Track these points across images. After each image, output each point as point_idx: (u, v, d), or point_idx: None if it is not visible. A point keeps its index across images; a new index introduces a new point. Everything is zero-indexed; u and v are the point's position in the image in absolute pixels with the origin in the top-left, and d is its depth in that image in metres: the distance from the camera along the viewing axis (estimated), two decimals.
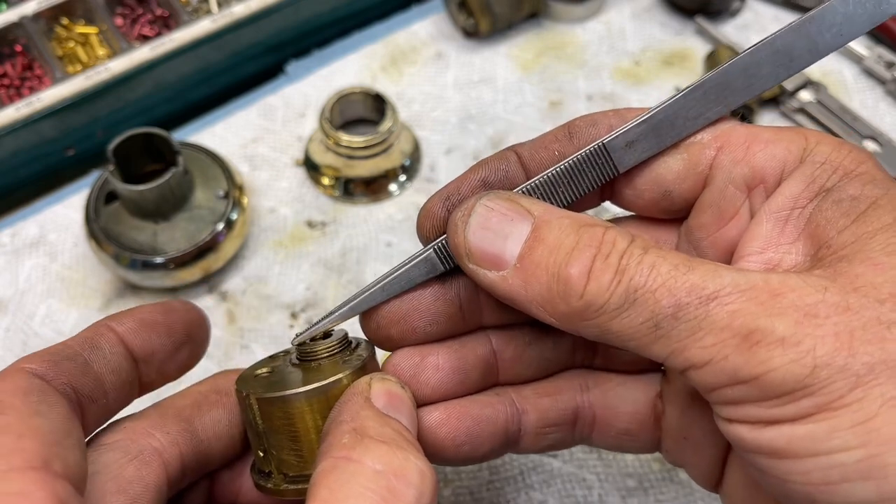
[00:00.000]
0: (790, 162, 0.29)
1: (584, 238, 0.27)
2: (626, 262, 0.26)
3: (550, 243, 0.27)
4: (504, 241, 0.28)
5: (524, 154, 0.32)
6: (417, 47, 0.65)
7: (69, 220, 0.55)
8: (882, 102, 0.61)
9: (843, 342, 0.23)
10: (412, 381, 0.32)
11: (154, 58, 0.58)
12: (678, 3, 0.66)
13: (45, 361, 0.30)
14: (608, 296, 0.26)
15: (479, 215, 0.29)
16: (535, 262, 0.27)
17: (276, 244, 0.55)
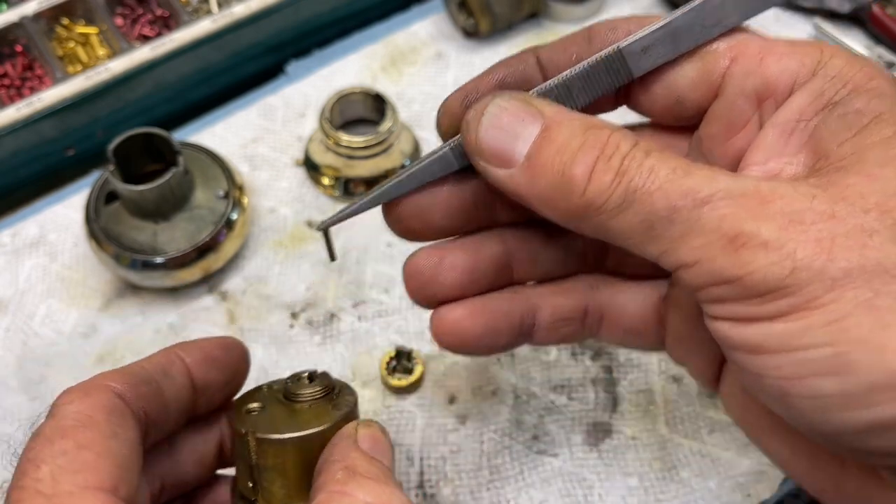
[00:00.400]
0: (802, 75, 0.29)
1: (590, 139, 0.28)
2: (627, 164, 0.27)
3: (558, 143, 0.28)
4: (514, 141, 0.29)
5: (543, 56, 0.33)
6: (417, 47, 0.65)
7: (69, 220, 0.55)
8: None
9: (824, 247, 0.25)
10: (431, 280, 0.35)
11: (154, 58, 0.58)
12: (677, 4, 0.66)
13: (126, 382, 0.31)
14: (608, 195, 0.27)
15: (491, 115, 0.30)
16: (542, 161, 0.29)
17: (276, 244, 0.55)
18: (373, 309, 0.52)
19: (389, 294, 0.52)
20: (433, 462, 0.46)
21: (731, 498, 0.44)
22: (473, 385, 0.48)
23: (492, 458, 0.46)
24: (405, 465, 0.46)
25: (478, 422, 0.47)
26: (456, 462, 0.46)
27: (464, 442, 0.46)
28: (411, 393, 0.48)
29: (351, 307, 0.52)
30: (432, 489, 0.45)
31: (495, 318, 0.35)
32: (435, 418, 0.47)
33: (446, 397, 0.48)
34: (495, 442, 0.46)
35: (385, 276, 0.53)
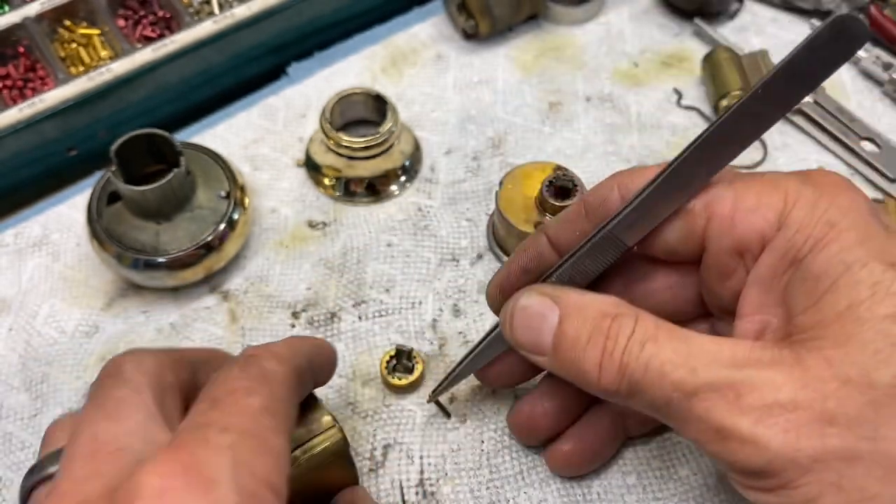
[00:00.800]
0: (768, 230, 0.33)
1: (595, 332, 0.34)
2: (626, 359, 0.32)
3: (570, 338, 0.34)
4: (539, 336, 0.36)
5: (550, 234, 0.39)
6: (418, 49, 0.65)
7: (72, 221, 0.56)
8: (880, 103, 0.62)
9: (791, 439, 0.29)
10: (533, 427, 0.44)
11: (156, 59, 0.59)
12: (676, 5, 0.67)
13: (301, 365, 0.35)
14: (616, 386, 0.33)
15: (518, 317, 0.37)
16: (562, 355, 0.35)
17: (277, 244, 0.55)
18: (373, 308, 0.52)
19: (390, 294, 0.52)
20: (433, 461, 0.46)
21: (730, 497, 0.44)
22: (473, 384, 0.48)
23: (492, 456, 0.46)
24: (405, 463, 0.46)
25: (478, 421, 0.47)
26: (456, 461, 0.46)
27: (464, 441, 0.47)
28: (411, 392, 0.48)
29: (351, 307, 0.52)
30: (432, 487, 0.45)
31: (596, 438, 0.44)
32: (435, 417, 0.47)
33: (446, 396, 0.48)
34: (495, 441, 0.47)
35: (385, 275, 0.53)
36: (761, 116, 0.33)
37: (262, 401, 0.30)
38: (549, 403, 0.43)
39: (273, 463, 0.29)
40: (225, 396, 0.30)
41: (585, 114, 0.62)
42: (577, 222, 0.38)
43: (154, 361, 0.32)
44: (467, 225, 0.56)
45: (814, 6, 0.66)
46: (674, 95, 0.63)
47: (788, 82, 0.32)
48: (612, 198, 0.37)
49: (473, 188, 0.57)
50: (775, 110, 0.33)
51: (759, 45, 0.65)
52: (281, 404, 0.31)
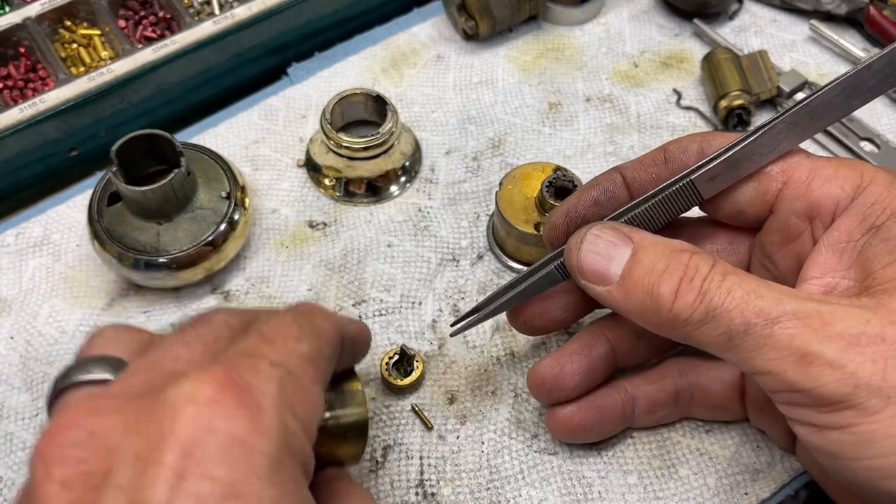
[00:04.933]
0: (843, 199, 0.35)
1: (674, 262, 0.33)
2: (707, 285, 0.32)
3: (646, 266, 0.34)
4: (609, 263, 0.35)
5: (627, 174, 0.39)
6: (418, 49, 0.65)
7: (73, 221, 0.56)
8: (879, 104, 0.62)
9: (879, 368, 0.29)
10: (555, 388, 0.42)
11: (157, 60, 0.59)
12: (676, 6, 0.67)
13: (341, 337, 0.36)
14: (691, 312, 0.32)
15: (589, 242, 0.36)
16: (634, 281, 0.34)
17: (277, 244, 0.55)
18: (373, 308, 0.52)
19: (390, 293, 0.53)
20: (433, 461, 0.46)
21: (730, 496, 0.44)
22: (473, 385, 0.49)
23: (492, 457, 0.46)
24: (405, 463, 0.46)
25: (478, 422, 0.47)
26: (456, 462, 0.46)
27: (464, 441, 0.47)
28: (411, 393, 0.49)
29: (352, 306, 0.52)
30: (433, 488, 0.45)
31: (602, 413, 0.43)
32: (435, 418, 0.48)
33: (446, 397, 0.48)
34: (495, 441, 0.47)
35: (386, 275, 0.53)
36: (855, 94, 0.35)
37: (309, 350, 0.32)
38: (578, 364, 0.42)
39: (311, 409, 0.30)
40: (277, 337, 0.31)
41: (585, 114, 0.62)
42: (654, 167, 0.39)
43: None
44: (467, 225, 0.56)
45: (813, 7, 0.66)
46: (673, 96, 0.63)
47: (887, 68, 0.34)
48: (692, 149, 0.38)
49: (473, 188, 0.58)
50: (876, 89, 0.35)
51: (759, 45, 0.65)
52: (324, 360, 0.33)
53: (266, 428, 0.27)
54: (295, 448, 0.28)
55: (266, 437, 0.27)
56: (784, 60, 0.64)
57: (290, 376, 0.29)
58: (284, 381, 0.29)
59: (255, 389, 0.28)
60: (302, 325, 0.33)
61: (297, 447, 0.28)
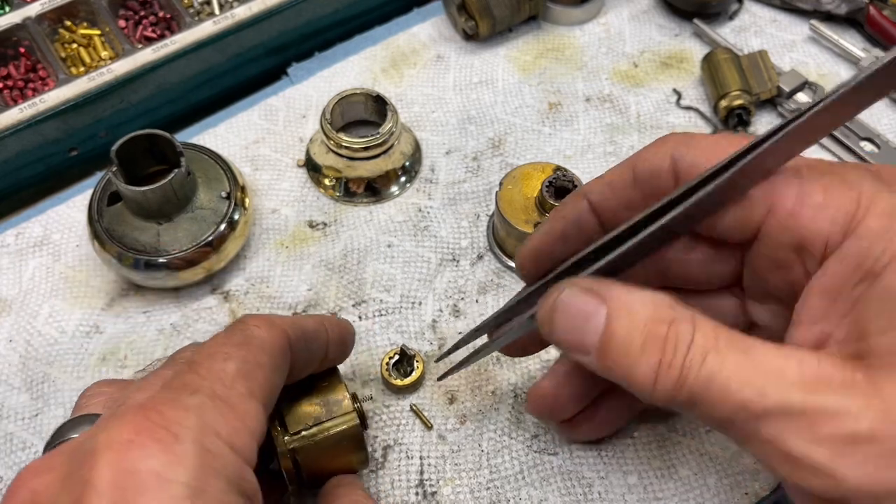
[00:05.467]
0: (834, 235, 0.30)
1: (650, 339, 0.30)
2: (686, 372, 0.30)
3: (621, 340, 0.31)
4: (583, 336, 0.32)
5: (594, 199, 0.36)
6: (418, 49, 0.65)
7: (73, 221, 0.56)
8: (879, 104, 0.62)
9: (869, 471, 0.28)
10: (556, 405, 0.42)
11: (157, 60, 0.59)
12: (676, 6, 0.67)
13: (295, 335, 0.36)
14: (672, 397, 0.30)
15: (560, 312, 0.33)
16: (611, 358, 0.32)
17: (277, 245, 0.55)
18: (373, 308, 0.52)
19: (390, 293, 0.53)
20: (433, 461, 0.46)
21: (730, 496, 0.44)
22: (473, 385, 0.49)
23: (491, 457, 0.46)
24: (405, 463, 0.46)
25: (478, 421, 0.47)
26: (456, 461, 0.46)
27: (464, 441, 0.47)
28: (411, 393, 0.48)
29: (352, 307, 0.52)
30: (433, 488, 0.45)
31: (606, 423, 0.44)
32: (435, 418, 0.48)
33: (446, 397, 0.48)
34: (495, 441, 0.47)
35: (386, 275, 0.53)
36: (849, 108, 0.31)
37: (237, 366, 0.32)
38: (575, 385, 0.41)
39: (239, 425, 0.31)
40: (203, 360, 0.32)
41: (585, 114, 0.62)
42: (623, 190, 0.35)
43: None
44: (467, 225, 0.56)
45: (813, 7, 0.66)
46: (673, 96, 0.63)
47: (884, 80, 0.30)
48: (664, 169, 0.34)
49: (473, 188, 0.58)
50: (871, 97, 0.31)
51: (759, 45, 0.65)
52: (260, 371, 0.33)
53: (182, 457, 0.28)
54: (218, 468, 0.29)
55: (182, 466, 0.28)
56: (784, 60, 0.64)
57: (213, 399, 0.31)
58: (204, 406, 0.30)
59: (171, 423, 0.29)
60: (233, 341, 0.33)
61: (221, 467, 0.29)
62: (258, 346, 0.34)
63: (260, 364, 0.33)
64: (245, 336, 0.34)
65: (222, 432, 0.30)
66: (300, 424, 0.39)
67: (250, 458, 0.31)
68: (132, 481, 0.27)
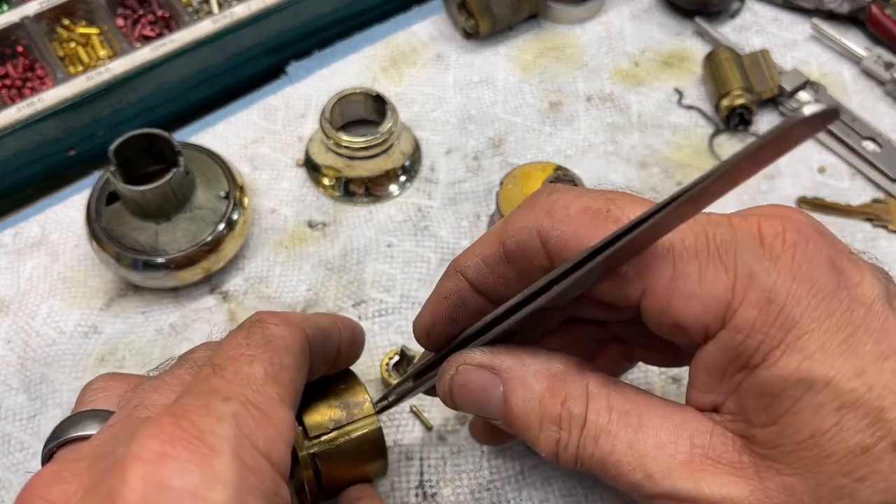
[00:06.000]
0: (712, 323, 0.29)
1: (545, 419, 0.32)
2: (581, 451, 0.31)
3: (520, 418, 0.32)
4: (486, 409, 0.34)
5: (472, 278, 0.34)
6: (418, 48, 0.65)
7: (71, 221, 0.56)
8: (881, 103, 0.61)
9: None
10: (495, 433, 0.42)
11: (155, 58, 0.58)
12: (677, 4, 0.66)
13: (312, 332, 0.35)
14: (575, 469, 0.32)
15: (458, 395, 0.34)
16: (516, 429, 0.33)
17: (277, 244, 0.55)
18: (373, 308, 0.52)
19: (390, 293, 0.52)
20: (433, 462, 0.46)
21: None
22: None
23: (492, 457, 0.46)
24: (405, 464, 0.46)
25: None
26: (456, 462, 0.46)
27: (464, 442, 0.46)
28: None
29: (351, 307, 0.52)
30: (433, 489, 0.45)
31: None
32: (435, 419, 0.47)
33: None
34: None
35: (385, 275, 0.53)
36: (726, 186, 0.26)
37: (265, 369, 0.30)
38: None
39: (275, 434, 0.29)
40: (228, 363, 0.30)
41: (586, 113, 0.61)
42: (498, 267, 0.34)
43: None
44: (467, 225, 0.55)
45: (815, 6, 0.65)
46: (675, 95, 0.62)
47: None
48: (532, 246, 0.32)
49: (473, 188, 0.57)
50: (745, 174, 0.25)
51: (761, 44, 0.65)
52: (286, 373, 0.31)
53: (220, 473, 0.26)
54: (256, 484, 0.27)
55: (221, 483, 0.26)
56: (786, 59, 0.64)
57: (246, 406, 0.28)
58: (240, 415, 0.28)
59: (206, 434, 0.27)
60: (253, 342, 0.31)
61: (258, 483, 0.27)
62: (282, 346, 0.32)
63: (285, 366, 0.31)
64: (266, 336, 0.32)
65: (259, 443, 0.28)
66: (320, 429, 0.37)
67: (286, 470, 0.29)
68: (165, 498, 0.25)
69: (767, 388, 0.28)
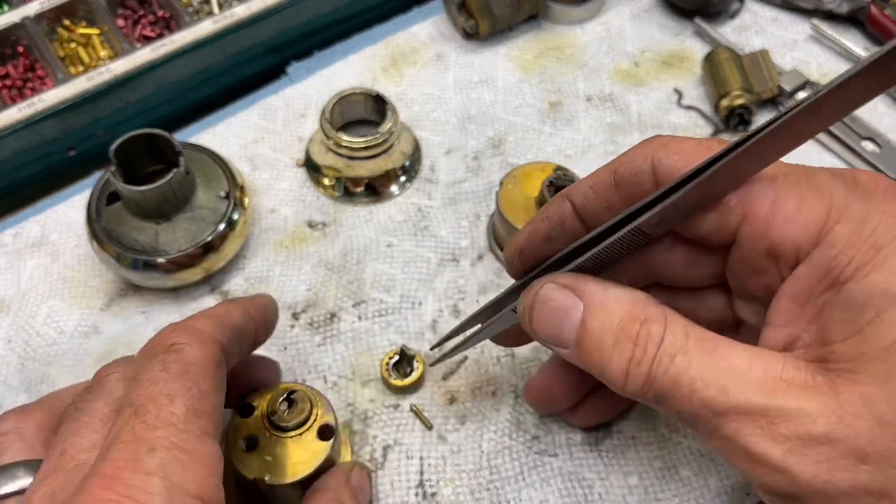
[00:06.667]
0: (805, 244, 0.31)
1: (622, 338, 0.32)
2: (654, 370, 0.31)
3: (594, 337, 0.33)
4: (561, 331, 0.34)
5: (577, 201, 0.37)
6: (418, 48, 0.65)
7: (71, 221, 0.56)
8: (880, 103, 0.61)
9: (823, 470, 0.28)
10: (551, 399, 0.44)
11: (156, 59, 0.58)
12: (677, 5, 0.66)
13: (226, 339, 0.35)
14: (642, 394, 0.32)
15: (538, 310, 0.35)
16: (586, 352, 0.33)
17: (277, 244, 0.55)
18: (373, 308, 0.52)
19: (390, 293, 0.52)
20: (433, 462, 0.46)
21: (731, 497, 0.44)
22: (473, 385, 0.48)
23: (492, 457, 0.46)
24: (405, 464, 0.46)
25: (478, 422, 0.47)
26: (456, 462, 0.46)
27: (464, 442, 0.46)
28: (411, 393, 0.48)
29: (351, 307, 0.52)
30: (433, 488, 0.45)
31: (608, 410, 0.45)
32: (435, 418, 0.47)
33: (447, 397, 0.48)
34: (495, 442, 0.46)
35: (385, 275, 0.53)
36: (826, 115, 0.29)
37: (186, 404, 0.30)
38: (566, 378, 0.43)
39: (205, 473, 0.29)
40: (149, 404, 0.30)
41: (586, 113, 0.61)
42: (605, 192, 0.36)
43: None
44: (467, 225, 0.56)
45: (814, 6, 0.66)
46: (674, 95, 0.62)
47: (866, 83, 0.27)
48: (644, 171, 0.34)
49: (473, 188, 0.57)
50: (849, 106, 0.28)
51: (760, 44, 0.65)
52: (206, 400, 0.31)
53: None
54: None
55: None
56: (785, 60, 0.64)
57: (172, 452, 0.29)
58: (167, 465, 0.28)
59: (137, 492, 0.27)
60: (173, 374, 0.31)
61: None
62: (199, 372, 0.32)
63: (205, 393, 0.31)
64: (183, 364, 0.32)
65: (191, 488, 0.28)
66: None
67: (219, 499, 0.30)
68: None
69: (854, 299, 0.30)
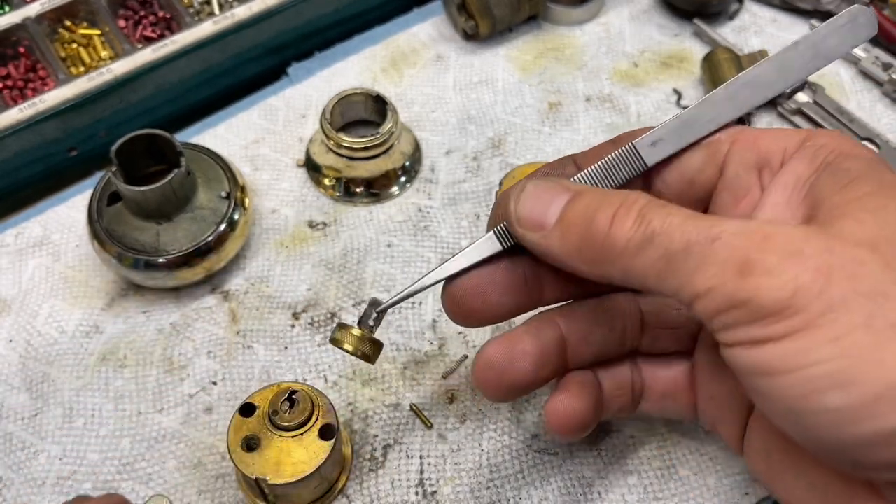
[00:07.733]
0: (791, 147, 0.35)
1: (611, 197, 0.32)
2: (645, 210, 0.31)
3: (582, 205, 0.33)
4: (547, 208, 0.34)
5: (578, 157, 0.39)
6: (418, 49, 0.65)
7: (72, 221, 0.56)
8: (879, 104, 0.62)
9: (822, 274, 0.27)
10: (506, 370, 0.38)
11: (157, 59, 0.59)
12: (676, 5, 0.67)
13: None
14: (629, 236, 0.31)
15: (527, 191, 0.35)
16: (570, 220, 0.33)
17: (277, 244, 0.55)
18: None
19: (390, 293, 0.52)
20: (433, 461, 0.46)
21: (730, 496, 0.44)
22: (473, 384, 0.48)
23: (492, 456, 0.46)
24: (405, 463, 0.46)
25: (478, 421, 0.47)
26: (456, 461, 0.46)
27: (464, 441, 0.47)
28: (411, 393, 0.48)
29: (352, 307, 0.52)
30: (433, 487, 0.45)
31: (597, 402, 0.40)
32: (435, 417, 0.47)
33: (446, 396, 0.48)
34: (495, 441, 0.47)
35: (385, 275, 0.53)
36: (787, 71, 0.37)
37: None
38: (530, 344, 0.38)
39: None
40: None
41: (585, 114, 0.62)
42: (605, 149, 0.38)
43: None
44: (467, 225, 0.56)
45: (813, 6, 0.66)
46: (673, 95, 0.63)
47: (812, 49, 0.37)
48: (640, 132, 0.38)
49: (473, 188, 0.58)
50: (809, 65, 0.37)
51: (759, 45, 0.65)
52: None
53: None
54: None
55: None
56: None
57: None
58: None
59: None
60: None
61: None
62: None
63: None
64: None
65: None
66: None
67: None
68: None
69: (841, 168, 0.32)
